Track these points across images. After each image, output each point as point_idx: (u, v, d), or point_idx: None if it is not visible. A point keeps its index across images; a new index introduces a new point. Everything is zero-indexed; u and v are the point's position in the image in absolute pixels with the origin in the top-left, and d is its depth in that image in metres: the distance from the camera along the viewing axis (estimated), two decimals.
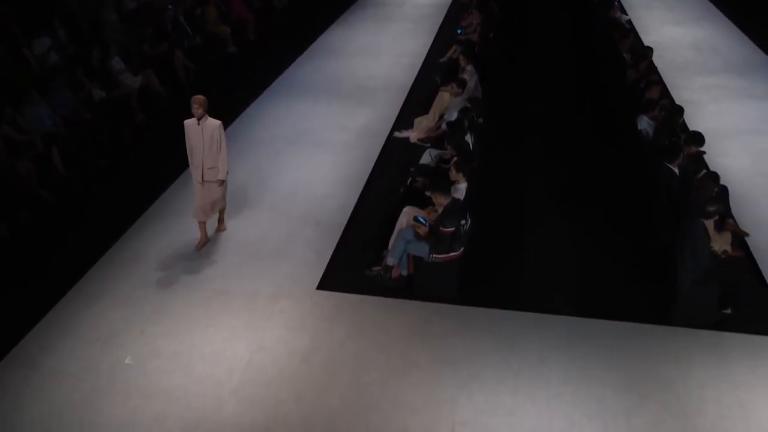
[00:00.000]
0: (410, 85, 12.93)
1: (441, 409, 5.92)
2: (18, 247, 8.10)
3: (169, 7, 13.30)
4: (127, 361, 6.37)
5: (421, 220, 7.19)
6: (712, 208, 6.73)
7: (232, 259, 7.84)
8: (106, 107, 10.69)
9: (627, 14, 16.85)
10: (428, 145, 9.91)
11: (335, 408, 5.92)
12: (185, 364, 6.33)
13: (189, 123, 7.60)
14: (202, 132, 7.55)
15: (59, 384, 6.14)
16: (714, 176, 7.57)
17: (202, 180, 7.73)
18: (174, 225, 8.47)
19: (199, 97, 7.52)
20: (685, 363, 6.47)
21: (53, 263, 7.86)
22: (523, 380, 6.24)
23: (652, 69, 11.96)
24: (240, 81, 13.05)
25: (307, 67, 13.74)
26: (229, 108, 11.51)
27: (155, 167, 9.89)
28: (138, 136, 10.78)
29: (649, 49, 12.28)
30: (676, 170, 8.00)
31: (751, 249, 8.10)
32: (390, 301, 7.23)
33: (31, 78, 10.50)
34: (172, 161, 9.37)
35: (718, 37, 16.58)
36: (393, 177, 9.42)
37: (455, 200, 7.26)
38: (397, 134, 10.95)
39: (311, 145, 10.49)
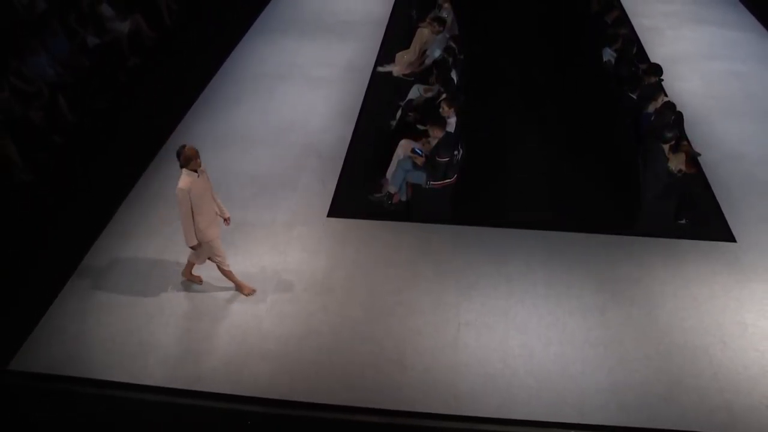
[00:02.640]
0: (387, 19, 13.52)
1: (447, 312, 7.00)
2: (43, 190, 8.71)
3: None
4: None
5: (418, 151, 8.07)
6: (669, 134, 7.75)
7: (246, 192, 8.63)
8: (100, 53, 11.18)
9: None
10: (412, 79, 10.68)
11: (357, 316, 6.95)
12: (223, 288, 7.22)
13: (189, 181, 6.50)
14: (206, 181, 6.77)
15: (113, 314, 6.92)
16: (671, 106, 8.55)
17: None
18: None
19: (193, 148, 6.54)
20: (648, 266, 7.62)
21: (82, 202, 8.47)
22: (513, 286, 7.33)
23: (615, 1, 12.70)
24: (222, 19, 13.50)
25: (287, 3, 14.15)
26: (218, 47, 12.12)
27: (159, 112, 10.45)
28: (134, 79, 11.32)
29: None
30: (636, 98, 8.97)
31: (703, 165, 9.20)
32: (393, 224, 8.20)
33: (18, 24, 10.82)
34: (175, 103, 10.04)
35: None
36: (383, 110, 10.22)
37: (448, 133, 8.16)
38: (380, 69, 11.64)
39: (301, 80, 11.16)
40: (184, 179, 6.51)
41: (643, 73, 9.26)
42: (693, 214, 8.18)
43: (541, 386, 6.28)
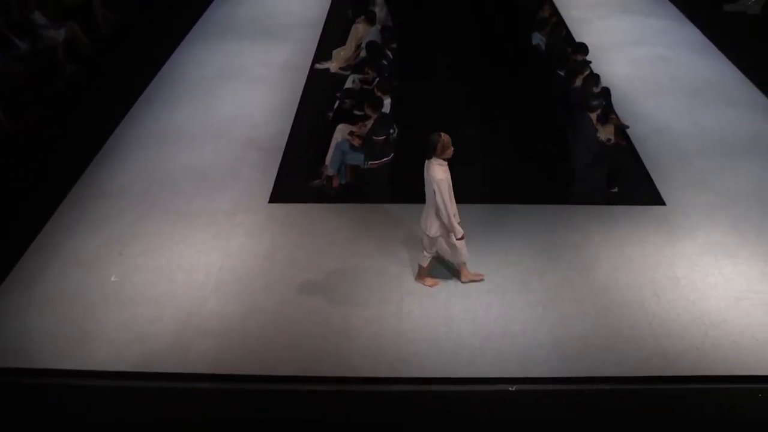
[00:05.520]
0: (324, 20, 13.73)
1: (391, 284, 7.14)
2: None
3: None
4: (112, 279, 7.20)
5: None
6: (594, 102, 8.06)
7: (190, 184, 8.66)
8: (35, 60, 11.11)
9: None
10: (349, 72, 10.88)
11: (301, 293, 7.02)
12: (167, 275, 7.23)
13: (444, 170, 6.48)
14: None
15: (56, 303, 6.86)
16: (595, 77, 8.89)
17: None
18: (127, 160, 9.19)
19: (448, 136, 6.45)
20: (583, 231, 7.90)
21: (24, 201, 8.41)
22: None
23: None
24: (160, 26, 13.53)
25: (224, 10, 14.27)
26: (157, 52, 12.14)
27: (99, 114, 10.43)
28: (72, 86, 11.27)
29: None
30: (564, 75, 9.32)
31: (632, 138, 9.59)
32: (334, 206, 8.34)
33: None
34: (115, 106, 10.11)
35: None
36: (321, 102, 10.39)
37: (384, 114, 8.35)
38: (318, 66, 11.84)
39: (241, 80, 11.25)
40: (440, 169, 6.35)
41: (570, 52, 9.60)
42: (623, 182, 8.53)
43: (484, 345, 6.43)
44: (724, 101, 10.70)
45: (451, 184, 6.51)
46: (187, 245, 7.66)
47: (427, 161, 6.50)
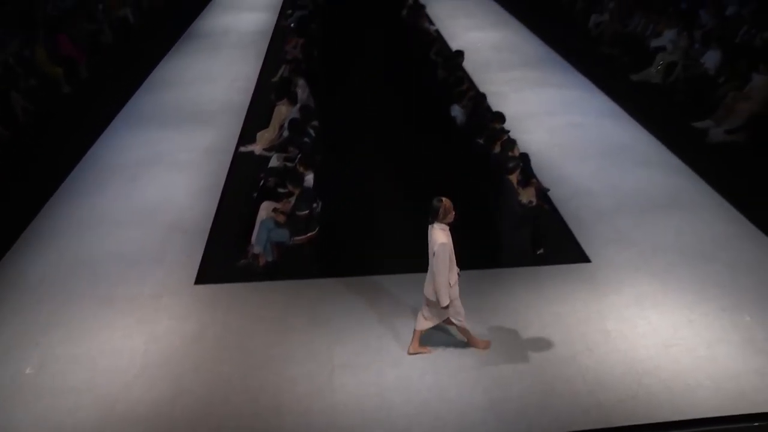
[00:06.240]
0: (247, 105, 13.84)
1: (321, 357, 6.96)
2: None
3: None
4: (27, 371, 6.85)
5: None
6: (511, 164, 8.24)
7: (113, 269, 8.41)
8: None
9: (434, 24, 18.77)
10: (273, 153, 10.91)
11: (230, 372, 6.79)
12: (87, 363, 6.89)
13: (446, 235, 6.53)
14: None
15: None
16: (512, 141, 9.16)
17: None
18: (48, 247, 8.92)
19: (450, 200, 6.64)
20: (512, 293, 7.94)
21: None
22: (384, 326, 7.41)
23: (460, 67, 13.62)
24: (81, 117, 13.42)
25: (148, 98, 14.25)
26: (77, 142, 11.97)
27: (17, 201, 10.24)
28: None
29: (461, 53, 13.74)
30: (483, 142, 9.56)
31: (554, 201, 9.82)
32: (261, 284, 8.18)
33: None
34: (34, 192, 9.95)
35: (514, 38, 18.95)
36: (246, 184, 10.31)
37: (306, 188, 8.35)
38: (242, 149, 11.84)
39: (165, 166, 11.12)
40: (442, 234, 6.37)
41: (488, 120, 9.89)
42: (547, 243, 8.69)
43: (420, 412, 6.29)
44: (639, 162, 11.12)
45: (452, 249, 6.51)
46: (109, 331, 7.37)
47: (429, 227, 6.55)
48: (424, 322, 6.91)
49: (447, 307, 6.61)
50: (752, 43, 14.70)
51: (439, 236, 6.39)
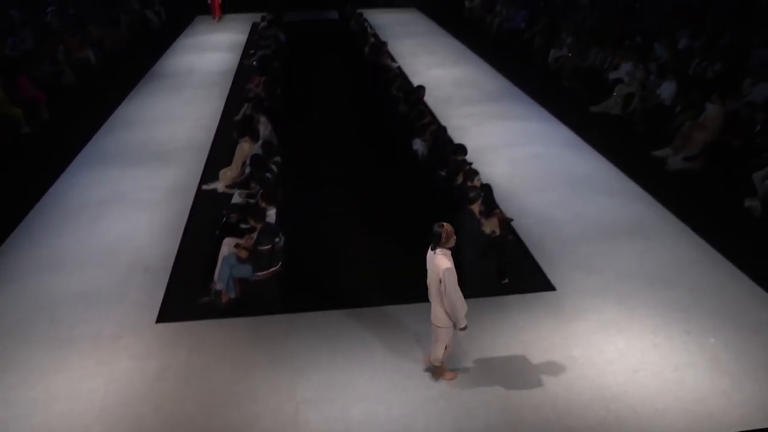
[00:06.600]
0: (210, 144, 13.74)
1: (284, 393, 6.83)
2: None
3: None
4: None
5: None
6: (472, 194, 8.26)
7: (71, 310, 8.20)
8: None
9: (396, 62, 18.95)
10: (236, 190, 10.83)
11: (192, 411, 6.62)
12: (43, 406, 6.68)
13: (449, 259, 6.64)
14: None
15: None
16: (474, 171, 9.19)
17: None
18: (6, 289, 8.70)
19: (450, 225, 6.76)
20: (479, 323, 7.85)
21: None
22: (350, 360, 7.31)
23: (421, 102, 13.73)
24: (40, 158, 13.24)
25: (110, 138, 14.09)
26: (36, 183, 11.77)
27: None
28: None
29: (421, 88, 13.87)
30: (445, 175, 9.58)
31: (518, 231, 9.85)
32: (224, 321, 8.03)
33: None
34: None
35: (475, 74, 19.23)
36: (209, 222, 10.18)
37: (267, 224, 8.27)
38: (205, 187, 11.73)
39: (126, 205, 10.96)
40: (445, 259, 6.41)
41: (449, 153, 9.93)
42: (512, 272, 8.70)
43: None
44: (601, 191, 11.24)
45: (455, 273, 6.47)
46: (66, 373, 7.16)
47: (430, 252, 6.58)
48: (441, 350, 6.81)
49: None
50: (705, 75, 15.12)
51: (443, 262, 6.42)
